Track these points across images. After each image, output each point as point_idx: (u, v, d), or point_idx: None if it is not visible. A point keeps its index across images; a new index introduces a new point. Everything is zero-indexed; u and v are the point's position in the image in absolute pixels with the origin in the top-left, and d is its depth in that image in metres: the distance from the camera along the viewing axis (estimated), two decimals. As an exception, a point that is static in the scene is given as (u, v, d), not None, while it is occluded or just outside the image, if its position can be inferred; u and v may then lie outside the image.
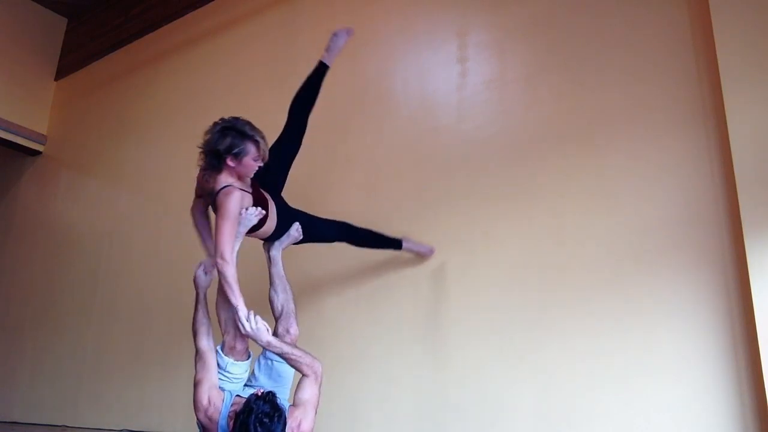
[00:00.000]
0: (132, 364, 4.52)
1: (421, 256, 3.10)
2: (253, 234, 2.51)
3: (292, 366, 2.26)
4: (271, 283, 2.63)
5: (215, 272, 2.30)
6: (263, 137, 2.32)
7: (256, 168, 2.34)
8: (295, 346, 2.28)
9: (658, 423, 2.51)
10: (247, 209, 2.32)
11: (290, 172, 2.73)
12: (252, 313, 2.18)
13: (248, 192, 2.36)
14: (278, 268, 2.64)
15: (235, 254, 2.27)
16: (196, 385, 2.16)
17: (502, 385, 2.91)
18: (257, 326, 2.14)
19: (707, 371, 2.46)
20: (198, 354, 2.25)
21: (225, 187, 2.27)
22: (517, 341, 2.92)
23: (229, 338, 2.33)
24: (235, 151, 2.25)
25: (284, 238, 2.63)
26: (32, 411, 5.13)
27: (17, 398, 5.31)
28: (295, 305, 2.59)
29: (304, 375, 2.20)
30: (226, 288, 2.19)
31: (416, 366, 3.19)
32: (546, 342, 2.85)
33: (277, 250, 2.65)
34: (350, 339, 3.46)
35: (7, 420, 5.24)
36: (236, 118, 2.31)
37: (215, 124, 2.31)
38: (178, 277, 2.67)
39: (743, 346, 2.40)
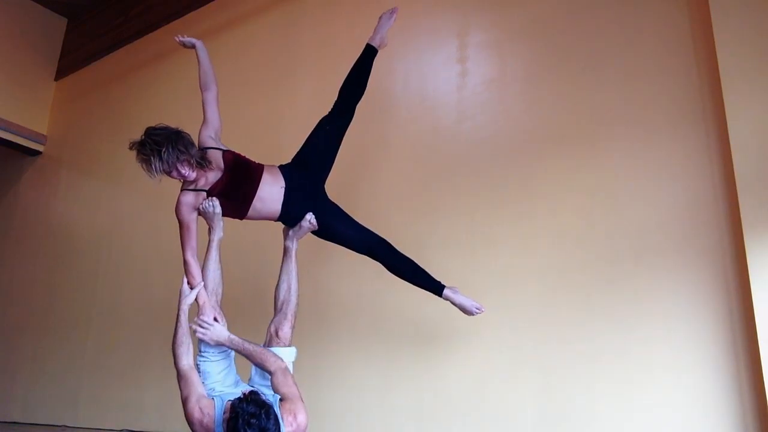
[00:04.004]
0: (132, 364, 4.52)
1: (464, 311, 2.59)
2: (256, 216, 2.48)
3: (256, 364, 2.30)
4: (279, 276, 2.57)
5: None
6: (147, 157, 2.38)
7: (184, 175, 2.38)
8: (257, 345, 2.31)
9: (659, 423, 2.52)
10: (202, 204, 2.40)
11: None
12: (211, 315, 2.34)
13: (201, 190, 2.42)
14: (289, 263, 2.56)
15: (215, 244, 2.45)
16: (185, 402, 2.14)
17: (502, 385, 2.91)
18: (212, 327, 2.29)
19: (707, 371, 2.46)
20: (179, 375, 2.22)
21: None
22: (517, 341, 2.93)
23: None
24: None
25: (297, 228, 2.53)
26: (32, 411, 5.13)
27: (17, 398, 5.31)
28: (296, 307, 2.51)
29: (271, 372, 2.22)
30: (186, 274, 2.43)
31: (417, 365, 3.19)
32: (546, 342, 2.85)
33: (291, 241, 2.58)
34: (351, 339, 3.46)
35: (7, 420, 5.24)
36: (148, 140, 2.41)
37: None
38: (177, 277, 2.66)
39: (743, 346, 2.41)
